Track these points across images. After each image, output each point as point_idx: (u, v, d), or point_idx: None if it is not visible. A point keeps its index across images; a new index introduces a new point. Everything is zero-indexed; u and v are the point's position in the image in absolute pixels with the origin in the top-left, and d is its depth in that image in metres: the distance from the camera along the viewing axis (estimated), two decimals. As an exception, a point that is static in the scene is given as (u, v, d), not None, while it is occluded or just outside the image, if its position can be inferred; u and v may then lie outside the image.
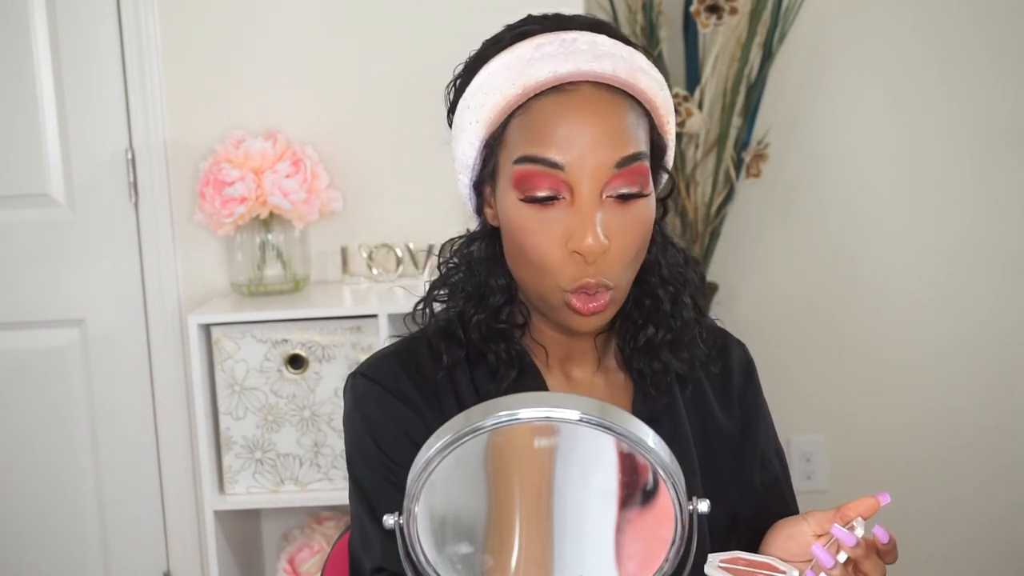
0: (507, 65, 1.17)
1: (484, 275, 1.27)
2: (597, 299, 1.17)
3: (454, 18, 2.45)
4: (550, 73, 1.16)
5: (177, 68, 2.53)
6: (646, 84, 1.20)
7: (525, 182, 1.16)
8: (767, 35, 2.73)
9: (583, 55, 1.16)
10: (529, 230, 1.16)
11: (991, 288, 2.91)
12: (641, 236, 1.18)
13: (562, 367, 1.29)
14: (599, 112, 1.15)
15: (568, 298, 1.17)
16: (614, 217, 1.16)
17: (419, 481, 0.94)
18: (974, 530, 2.96)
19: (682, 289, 1.28)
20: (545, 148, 1.15)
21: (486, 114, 1.18)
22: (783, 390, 2.87)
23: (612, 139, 1.15)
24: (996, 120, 2.86)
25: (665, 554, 0.97)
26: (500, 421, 0.93)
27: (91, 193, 2.55)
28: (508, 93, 1.17)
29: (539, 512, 0.98)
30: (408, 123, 2.48)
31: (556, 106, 1.16)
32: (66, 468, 2.59)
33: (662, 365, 1.27)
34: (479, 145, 1.21)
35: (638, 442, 0.93)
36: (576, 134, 1.14)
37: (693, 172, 2.73)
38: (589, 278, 1.16)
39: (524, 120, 1.17)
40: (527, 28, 1.21)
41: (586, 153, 1.14)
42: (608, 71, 1.16)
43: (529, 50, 1.17)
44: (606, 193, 1.16)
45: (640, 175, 1.16)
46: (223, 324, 2.31)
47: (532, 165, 1.15)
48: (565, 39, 1.17)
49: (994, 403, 2.93)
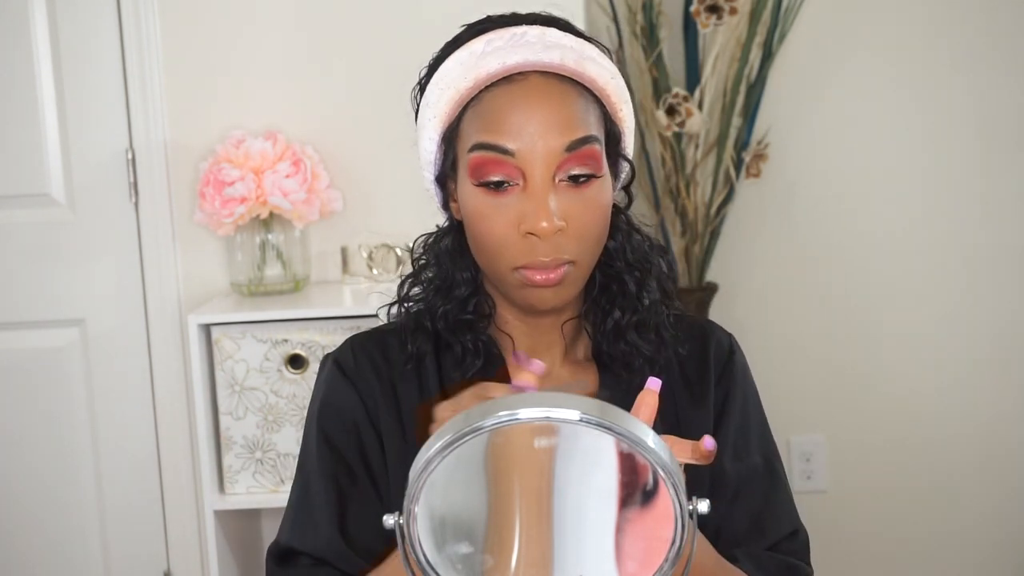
0: (461, 61, 1.23)
1: (450, 268, 1.31)
2: (554, 271, 1.20)
3: (454, 18, 2.44)
4: (499, 64, 1.21)
5: (177, 68, 2.53)
6: (595, 72, 1.23)
7: (479, 169, 1.20)
8: (767, 35, 2.73)
9: (531, 47, 1.21)
10: (485, 215, 1.21)
11: (993, 288, 2.91)
12: (598, 216, 1.22)
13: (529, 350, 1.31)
14: (547, 99, 1.20)
15: (524, 274, 1.21)
16: (569, 199, 1.20)
17: (419, 481, 0.94)
18: (974, 529, 2.96)
19: (647, 273, 1.31)
20: (496, 135, 1.19)
21: (442, 108, 1.24)
22: (783, 390, 2.87)
23: (561, 124, 1.19)
24: (998, 119, 2.86)
25: (665, 554, 0.97)
26: (500, 421, 0.93)
27: (91, 193, 2.55)
28: (461, 86, 1.22)
29: (539, 512, 0.98)
30: (408, 123, 2.45)
31: (506, 95, 1.20)
32: (66, 468, 2.59)
33: (629, 347, 1.29)
34: (437, 139, 1.27)
35: (638, 442, 0.93)
36: (525, 121, 1.19)
37: (693, 172, 2.73)
38: (543, 256, 1.19)
39: (477, 111, 1.22)
40: (481, 26, 1.26)
41: (536, 138, 1.18)
42: (556, 60, 1.21)
43: (481, 45, 1.22)
44: (558, 177, 1.20)
45: (592, 157, 1.20)
46: (223, 324, 2.31)
47: (485, 152, 1.20)
48: (515, 33, 1.22)
49: (995, 402, 2.93)
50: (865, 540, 2.98)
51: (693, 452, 1.05)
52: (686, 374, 1.34)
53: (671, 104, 2.65)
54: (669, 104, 2.65)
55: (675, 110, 2.65)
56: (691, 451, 1.05)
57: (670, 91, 2.66)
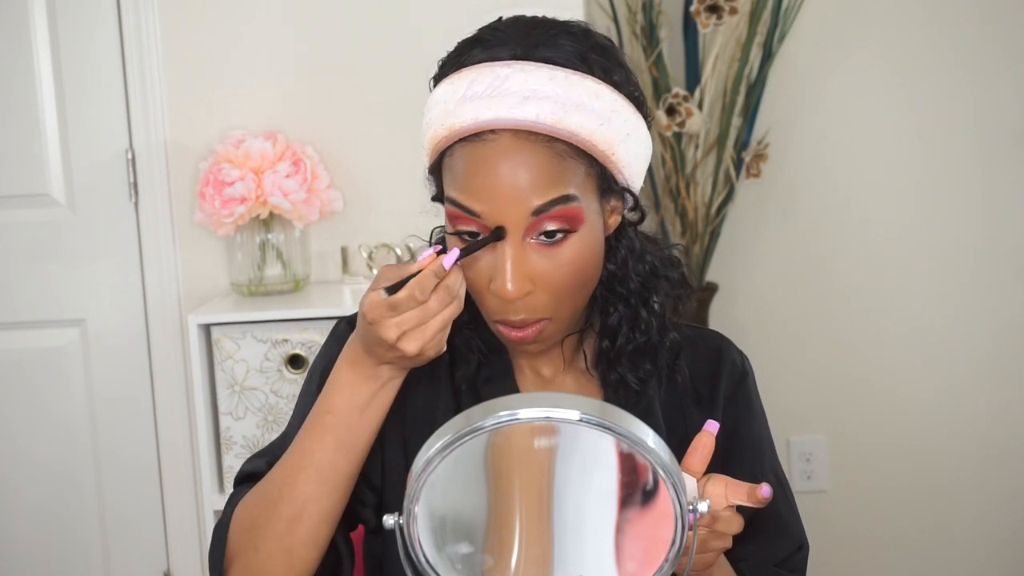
0: (444, 98, 1.19)
1: None
2: (524, 330, 1.20)
3: (454, 18, 2.45)
4: (472, 121, 1.16)
5: (177, 68, 2.53)
6: (578, 125, 1.16)
7: (453, 220, 1.19)
8: (767, 35, 2.73)
9: (509, 99, 1.15)
10: (464, 263, 1.18)
11: (993, 287, 2.91)
12: (572, 273, 1.19)
13: (531, 363, 1.31)
14: (515, 162, 1.15)
15: (498, 328, 1.21)
16: (540, 258, 1.17)
17: (419, 481, 0.95)
18: (974, 529, 2.96)
19: (647, 300, 1.28)
20: (465, 196, 1.17)
21: (425, 143, 1.23)
22: (783, 390, 2.87)
23: (530, 187, 1.15)
24: (998, 119, 2.86)
25: (665, 554, 0.97)
26: (500, 421, 0.93)
27: (91, 193, 2.55)
28: (439, 133, 1.19)
29: (539, 512, 0.98)
30: (408, 123, 2.46)
31: (474, 155, 1.16)
32: (66, 468, 2.59)
33: (619, 376, 1.28)
34: (428, 168, 1.25)
35: (638, 442, 0.93)
36: (492, 184, 1.15)
37: (693, 172, 2.73)
38: (512, 315, 1.19)
39: (450, 163, 1.19)
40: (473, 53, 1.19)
41: (503, 203, 1.15)
42: (530, 119, 1.15)
43: (464, 86, 1.17)
44: (529, 237, 1.17)
45: (564, 217, 1.16)
46: (223, 324, 2.31)
47: (457, 208, 1.18)
48: (498, 75, 1.16)
49: (995, 402, 2.93)
50: (865, 540, 2.98)
51: (749, 496, 1.06)
52: (696, 389, 1.33)
53: (671, 104, 2.65)
54: (669, 104, 2.65)
55: (675, 110, 2.65)
56: (747, 494, 1.06)
57: (670, 91, 2.66)
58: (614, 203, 1.24)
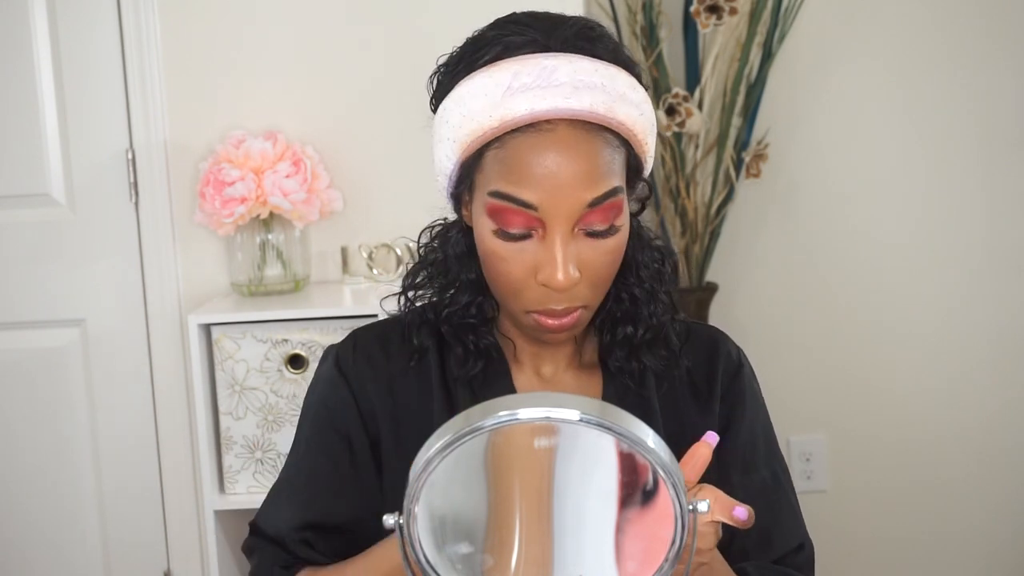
0: (485, 90, 1.17)
1: (457, 269, 1.30)
2: (566, 316, 1.20)
3: (454, 17, 2.45)
4: (527, 111, 1.15)
5: (177, 68, 2.53)
6: (625, 114, 1.18)
7: (498, 216, 1.18)
8: (767, 35, 2.73)
9: (561, 89, 1.15)
10: (501, 257, 1.19)
11: (993, 287, 2.91)
12: (612, 264, 1.21)
13: (532, 361, 1.32)
14: (574, 152, 1.15)
15: (536, 318, 1.21)
16: (587, 248, 1.18)
17: (419, 481, 0.94)
18: (974, 529, 2.96)
19: (659, 287, 1.31)
20: (519, 188, 1.16)
21: (463, 137, 1.19)
22: (783, 390, 2.87)
23: (586, 179, 1.16)
24: (999, 119, 2.86)
25: (665, 554, 0.97)
26: (500, 421, 0.93)
27: (91, 193, 2.55)
28: (485, 124, 1.17)
29: (539, 512, 0.98)
30: (408, 123, 2.46)
31: (532, 146, 1.16)
32: (66, 468, 2.59)
33: (640, 363, 1.30)
34: (456, 161, 1.21)
35: (638, 442, 0.93)
36: (550, 175, 1.15)
37: (693, 172, 2.73)
38: (555, 304, 1.19)
39: (500, 154, 1.17)
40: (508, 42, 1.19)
41: (560, 194, 1.15)
42: (585, 108, 1.16)
43: (508, 77, 1.16)
44: (578, 228, 1.18)
45: (614, 209, 1.18)
46: (223, 324, 2.31)
47: (506, 202, 1.17)
48: (545, 67, 1.16)
49: (994, 402, 2.93)
50: (865, 540, 2.98)
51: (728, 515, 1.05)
52: (694, 382, 1.34)
53: (671, 104, 2.65)
54: (669, 104, 2.65)
55: (675, 110, 2.65)
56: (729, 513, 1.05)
57: (670, 91, 2.66)
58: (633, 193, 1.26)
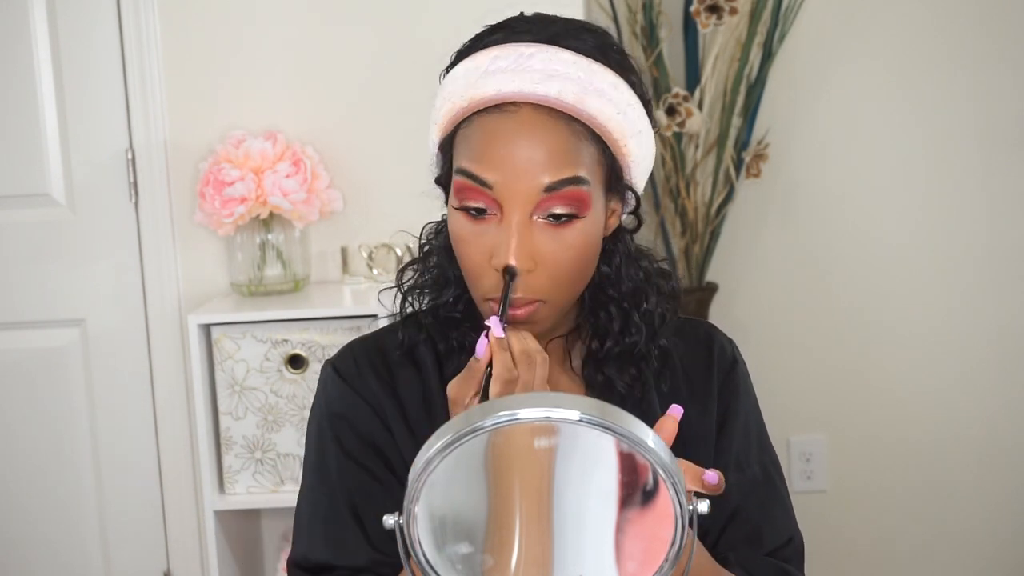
0: (464, 74, 1.20)
1: (446, 264, 1.30)
2: (521, 308, 1.19)
3: (454, 17, 2.45)
4: (494, 91, 1.17)
5: (177, 68, 2.53)
6: (597, 108, 1.18)
7: (461, 193, 1.19)
8: (767, 35, 2.73)
9: (532, 75, 1.17)
10: (463, 239, 1.19)
11: (993, 287, 2.91)
12: (575, 258, 1.19)
13: None
14: (535, 136, 1.16)
15: (492, 305, 1.20)
16: (545, 238, 1.17)
17: (419, 481, 0.94)
18: (974, 529, 2.96)
19: (636, 306, 1.28)
20: (478, 166, 1.17)
21: (440, 118, 1.22)
22: (783, 390, 2.87)
23: (545, 163, 1.15)
24: (999, 119, 2.86)
25: (665, 554, 0.97)
26: (500, 421, 0.93)
27: (91, 193, 2.55)
28: (457, 104, 1.19)
29: (539, 512, 0.98)
30: (408, 123, 2.48)
31: (494, 124, 1.17)
32: (66, 468, 2.59)
33: (605, 378, 1.29)
34: (437, 145, 1.25)
35: (638, 442, 0.93)
36: (508, 155, 1.15)
37: (693, 172, 2.73)
38: (511, 293, 1.18)
39: (466, 133, 1.19)
40: (494, 37, 1.21)
41: (516, 176, 1.15)
42: (552, 94, 1.16)
43: (486, 61, 1.19)
44: (537, 215, 1.17)
45: (574, 199, 1.17)
46: (223, 324, 2.31)
47: (467, 179, 1.18)
48: (522, 54, 1.18)
49: (995, 403, 2.93)
50: (865, 540, 2.98)
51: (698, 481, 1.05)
52: (689, 377, 1.34)
53: (671, 104, 2.65)
54: (669, 104, 2.65)
55: (675, 110, 2.65)
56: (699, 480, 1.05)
57: (670, 91, 2.66)
58: (614, 204, 1.24)
